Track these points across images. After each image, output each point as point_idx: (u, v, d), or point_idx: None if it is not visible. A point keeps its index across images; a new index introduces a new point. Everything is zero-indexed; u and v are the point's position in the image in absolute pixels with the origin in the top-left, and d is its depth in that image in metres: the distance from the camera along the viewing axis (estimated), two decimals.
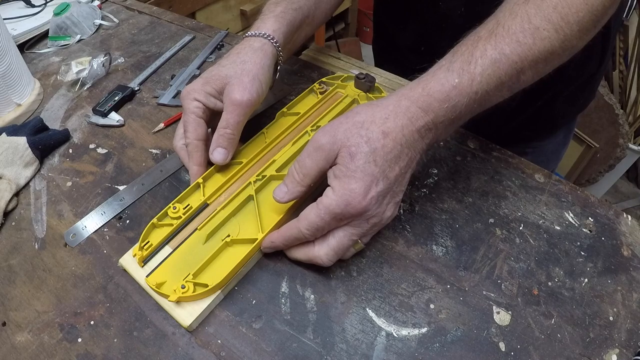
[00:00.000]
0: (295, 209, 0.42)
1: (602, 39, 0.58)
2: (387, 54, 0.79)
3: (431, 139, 0.37)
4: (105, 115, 0.57)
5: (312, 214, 0.35)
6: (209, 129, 0.47)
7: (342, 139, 0.35)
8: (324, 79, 0.56)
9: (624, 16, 1.40)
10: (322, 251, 0.37)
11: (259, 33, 0.47)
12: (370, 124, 0.35)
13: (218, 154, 0.43)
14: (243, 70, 0.43)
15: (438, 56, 0.39)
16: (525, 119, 0.65)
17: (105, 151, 0.53)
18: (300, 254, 0.38)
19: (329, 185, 0.36)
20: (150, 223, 0.40)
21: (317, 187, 0.42)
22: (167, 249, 0.39)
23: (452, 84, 0.35)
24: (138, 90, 0.62)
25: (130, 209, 0.46)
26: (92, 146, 0.54)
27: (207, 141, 0.45)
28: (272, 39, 0.47)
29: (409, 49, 0.69)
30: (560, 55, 0.37)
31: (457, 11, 0.58)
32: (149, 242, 0.39)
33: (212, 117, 0.46)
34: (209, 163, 0.45)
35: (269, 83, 0.47)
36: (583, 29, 0.36)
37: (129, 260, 0.39)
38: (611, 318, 0.37)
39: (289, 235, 0.38)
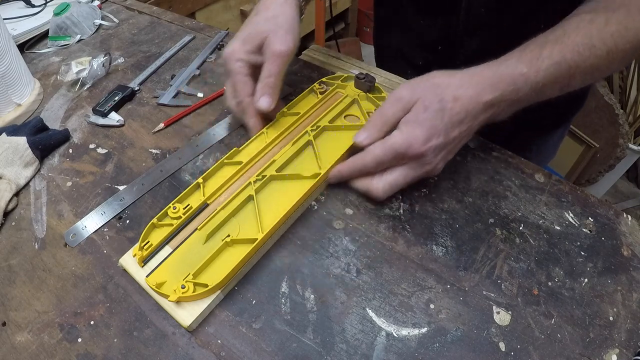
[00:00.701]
0: (296, 208, 0.42)
1: None
2: (391, 49, 0.77)
3: (491, 115, 0.42)
4: (105, 115, 0.57)
5: (377, 149, 0.41)
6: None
7: (420, 93, 0.41)
8: (324, 79, 0.56)
9: None
10: (380, 184, 0.42)
11: None
12: (446, 87, 0.41)
13: (264, 101, 0.47)
14: (277, 25, 0.48)
15: (450, 58, 0.40)
16: (535, 119, 0.66)
17: (105, 151, 0.53)
18: (360, 184, 0.44)
19: (397, 129, 0.41)
20: (150, 223, 0.40)
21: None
22: (167, 249, 0.39)
23: (520, 71, 0.41)
24: (138, 90, 0.62)
25: (130, 209, 0.46)
26: (92, 146, 0.54)
27: None
28: None
29: (428, 44, 0.68)
30: (602, 73, 0.44)
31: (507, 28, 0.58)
32: (149, 242, 0.39)
33: (254, 73, 0.49)
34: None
35: (299, 33, 0.51)
36: (625, 58, 0.43)
37: (129, 260, 0.39)
38: (611, 318, 0.37)
39: (353, 165, 0.43)
